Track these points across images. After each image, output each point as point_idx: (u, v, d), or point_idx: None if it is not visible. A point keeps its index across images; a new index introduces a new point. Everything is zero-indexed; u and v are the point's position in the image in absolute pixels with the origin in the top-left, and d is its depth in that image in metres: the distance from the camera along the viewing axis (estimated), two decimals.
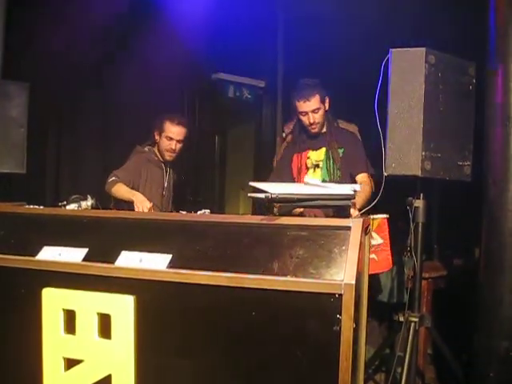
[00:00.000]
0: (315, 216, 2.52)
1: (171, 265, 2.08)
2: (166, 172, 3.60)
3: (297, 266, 1.99)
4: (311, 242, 2.05)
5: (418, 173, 2.36)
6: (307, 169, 3.28)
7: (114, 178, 3.25)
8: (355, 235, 2.02)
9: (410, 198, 2.59)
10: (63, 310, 2.14)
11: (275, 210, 2.26)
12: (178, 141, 3.47)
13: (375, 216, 2.44)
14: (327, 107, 3.27)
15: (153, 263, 2.10)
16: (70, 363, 2.13)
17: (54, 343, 2.15)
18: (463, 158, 2.57)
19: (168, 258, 2.10)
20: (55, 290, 2.15)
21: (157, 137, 3.50)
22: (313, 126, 3.22)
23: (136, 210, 2.99)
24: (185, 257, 2.11)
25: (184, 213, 2.59)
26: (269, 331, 1.95)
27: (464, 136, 2.58)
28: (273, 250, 2.06)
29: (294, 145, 3.41)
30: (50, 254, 2.25)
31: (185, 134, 3.49)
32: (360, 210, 2.52)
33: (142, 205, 3.00)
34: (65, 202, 2.73)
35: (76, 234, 2.30)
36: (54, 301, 2.15)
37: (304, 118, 3.23)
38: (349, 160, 3.20)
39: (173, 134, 3.45)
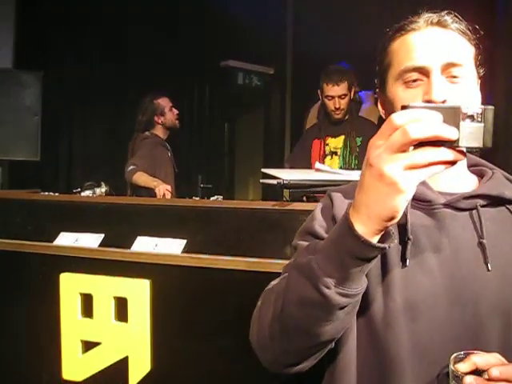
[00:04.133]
0: None
1: (186, 249, 2.12)
2: (169, 150, 3.75)
3: None
4: None
5: None
6: (325, 155, 3.30)
7: (132, 166, 3.32)
8: None
9: None
10: (80, 294, 2.19)
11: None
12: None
13: None
14: (353, 95, 3.28)
15: (168, 248, 2.14)
16: (88, 346, 2.18)
17: (71, 327, 2.20)
18: None
19: (183, 243, 2.14)
20: (72, 274, 2.20)
21: (160, 119, 3.70)
22: (337, 112, 3.23)
23: (158, 194, 3.04)
24: (199, 242, 2.15)
25: (197, 199, 2.63)
26: None
27: None
28: (286, 235, 2.09)
29: (315, 129, 3.42)
30: (66, 239, 2.29)
31: None
32: None
33: (162, 188, 3.07)
34: (79, 189, 2.78)
35: (92, 220, 2.35)
36: (71, 285, 2.20)
37: (330, 103, 3.24)
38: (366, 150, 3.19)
39: (171, 103, 3.77)
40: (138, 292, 2.11)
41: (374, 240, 0.83)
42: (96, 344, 2.16)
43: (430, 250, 1.05)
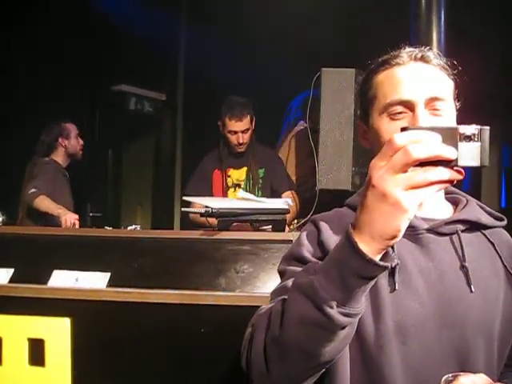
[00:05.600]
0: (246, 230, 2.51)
1: (111, 283, 1.97)
2: (68, 179, 3.55)
3: (244, 281, 1.98)
4: (254, 256, 2.05)
5: (349, 187, 2.45)
6: (228, 188, 3.25)
7: (34, 189, 3.06)
8: None
9: None
10: None
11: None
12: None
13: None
14: (253, 127, 3.25)
15: (90, 282, 1.98)
16: None
17: None
18: None
19: (107, 276, 1.99)
20: None
21: (64, 142, 3.54)
22: (240, 147, 3.19)
23: (64, 223, 2.80)
24: (124, 275, 2.01)
25: (110, 229, 2.47)
26: (219, 348, 1.90)
27: None
28: (217, 265, 2.03)
29: (215, 159, 3.34)
30: None
31: None
32: (288, 225, 2.58)
33: (69, 218, 2.84)
34: None
35: None
36: None
37: (233, 138, 3.17)
38: (270, 180, 3.23)
39: (77, 131, 3.64)
40: (57, 332, 1.91)
41: (376, 259, 0.85)
42: None
43: (416, 274, 1.09)
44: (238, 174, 3.29)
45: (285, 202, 2.40)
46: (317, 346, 0.91)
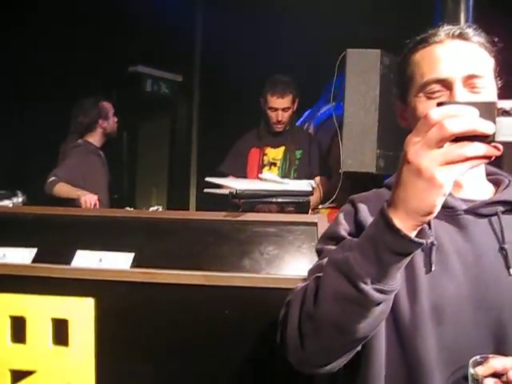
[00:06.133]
0: (270, 211, 2.50)
1: (135, 264, 1.96)
2: (103, 158, 3.53)
3: (268, 263, 1.96)
4: (279, 238, 2.03)
5: (373, 170, 2.42)
6: (263, 166, 3.24)
7: (53, 177, 3.05)
8: (322, 231, 2.02)
9: None
10: (10, 317, 1.93)
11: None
12: None
13: (324, 206, 2.49)
14: (295, 108, 3.26)
15: (114, 263, 1.96)
16: (19, 375, 1.92)
17: None
18: None
19: (131, 256, 1.97)
20: (0, 295, 1.93)
21: (104, 123, 3.52)
22: (278, 125, 3.20)
23: (83, 204, 2.79)
24: (148, 255, 1.99)
25: (131, 209, 2.45)
26: (243, 329, 1.89)
27: None
28: (241, 247, 2.01)
29: (253, 137, 3.34)
30: None
31: None
32: (313, 208, 2.56)
33: (89, 198, 2.83)
34: None
35: (21, 233, 2.09)
36: None
37: (272, 114, 3.19)
38: (306, 162, 3.22)
39: (113, 108, 3.64)
40: (81, 312, 1.90)
41: (411, 235, 0.84)
42: (30, 373, 1.91)
43: (453, 255, 1.08)
44: (274, 153, 3.29)
45: (308, 183, 2.38)
46: (351, 322, 0.92)
